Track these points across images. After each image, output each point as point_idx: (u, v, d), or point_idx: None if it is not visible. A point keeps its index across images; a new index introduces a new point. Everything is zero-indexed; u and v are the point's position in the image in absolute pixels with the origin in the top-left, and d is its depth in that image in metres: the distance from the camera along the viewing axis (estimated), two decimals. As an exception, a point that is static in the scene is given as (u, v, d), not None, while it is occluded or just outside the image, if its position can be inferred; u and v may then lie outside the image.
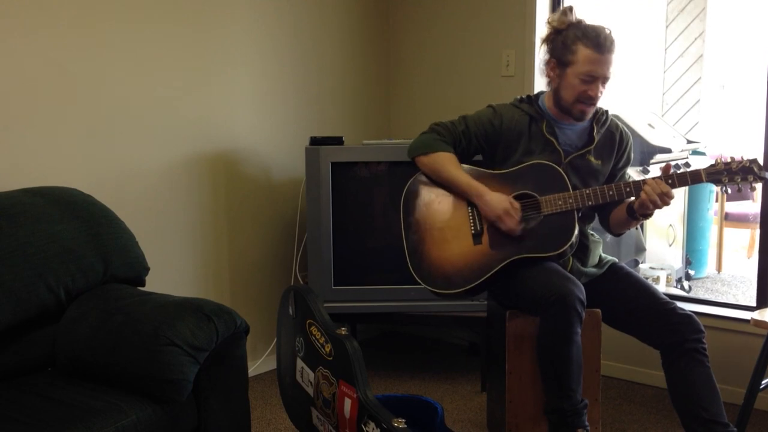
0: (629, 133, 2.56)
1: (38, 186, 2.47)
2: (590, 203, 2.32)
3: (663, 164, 3.74)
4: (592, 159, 2.43)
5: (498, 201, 2.35)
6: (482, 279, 2.34)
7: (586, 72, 2.30)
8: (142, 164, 3.00)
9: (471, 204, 2.43)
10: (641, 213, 2.32)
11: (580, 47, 2.30)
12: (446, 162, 2.44)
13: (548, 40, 2.42)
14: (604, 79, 2.34)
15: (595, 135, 2.44)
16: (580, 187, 2.39)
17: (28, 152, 2.65)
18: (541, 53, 2.48)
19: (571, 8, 2.40)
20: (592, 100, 2.34)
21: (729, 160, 2.24)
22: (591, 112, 2.40)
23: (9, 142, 2.59)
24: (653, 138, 4.52)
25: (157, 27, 3.01)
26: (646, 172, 4.15)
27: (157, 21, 3.00)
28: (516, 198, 2.37)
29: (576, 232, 2.30)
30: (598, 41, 2.30)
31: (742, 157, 2.23)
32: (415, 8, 3.92)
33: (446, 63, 3.84)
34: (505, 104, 2.52)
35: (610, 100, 2.55)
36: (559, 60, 2.36)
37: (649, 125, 4.68)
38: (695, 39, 6.39)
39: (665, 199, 2.25)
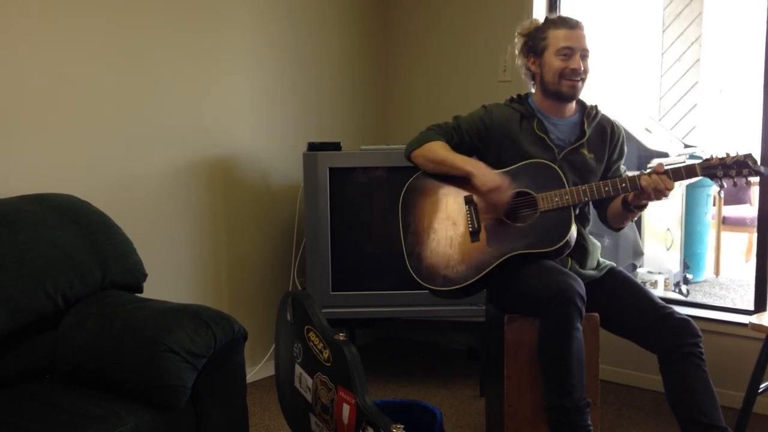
0: (621, 127, 2.59)
1: (36, 193, 2.48)
2: (586, 199, 2.34)
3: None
4: (586, 153, 2.46)
5: (493, 175, 2.38)
6: (480, 275, 2.34)
7: (562, 47, 2.38)
8: (140, 171, 3.00)
9: (468, 202, 2.44)
10: (636, 205, 2.36)
11: (550, 31, 2.42)
12: (438, 148, 2.47)
13: (522, 49, 2.52)
14: (583, 52, 2.41)
15: (586, 129, 2.47)
16: (579, 182, 2.41)
17: (27, 159, 2.65)
18: (517, 63, 2.55)
19: (535, 19, 2.55)
20: (576, 72, 2.40)
21: (724, 155, 2.26)
22: (580, 87, 2.44)
23: (7, 149, 2.59)
24: (650, 142, 4.53)
25: (156, 34, 3.01)
26: (643, 176, 4.16)
27: (155, 28, 3.01)
28: (513, 196, 2.38)
29: (573, 227, 2.31)
30: (565, 20, 2.43)
31: (737, 153, 2.25)
32: (412, 14, 3.93)
33: (444, 68, 3.84)
34: (497, 104, 2.57)
35: (607, 104, 2.57)
36: (534, 52, 2.46)
37: (647, 129, 4.70)
38: (692, 43, 6.41)
39: (665, 192, 2.27)
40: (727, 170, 2.24)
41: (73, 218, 2.39)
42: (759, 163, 2.25)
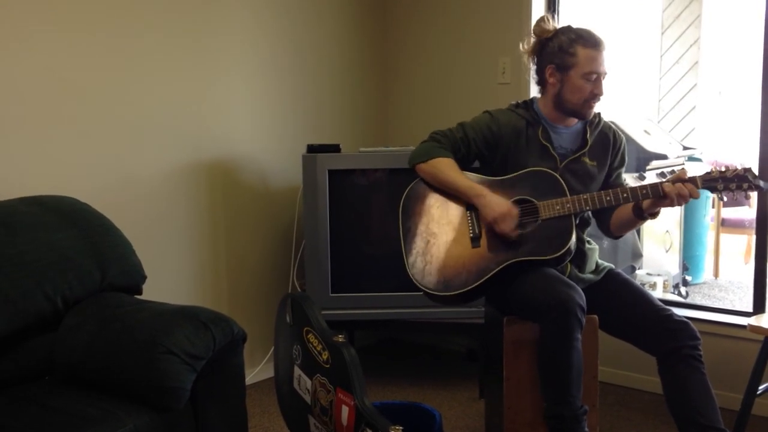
0: (622, 134, 2.58)
1: (35, 195, 2.48)
2: (588, 208, 2.34)
3: (660, 171, 3.74)
4: (588, 161, 2.46)
5: (498, 202, 2.36)
6: (479, 282, 2.34)
7: (591, 71, 2.37)
8: (139, 172, 3.00)
9: (470, 207, 2.44)
10: (650, 212, 2.35)
11: (579, 48, 2.37)
12: (446, 167, 2.45)
13: (535, 50, 2.48)
14: (605, 75, 2.41)
15: (588, 137, 2.47)
16: (581, 190, 2.40)
17: (26, 161, 2.65)
18: (527, 64, 2.52)
19: (547, 17, 2.48)
20: (599, 97, 2.41)
21: (724, 168, 2.27)
22: (595, 108, 2.45)
23: (6, 151, 2.59)
24: (649, 144, 4.53)
25: (155, 35, 3.01)
26: (642, 178, 4.16)
27: (154, 29, 3.01)
28: (514, 203, 2.38)
29: (574, 236, 2.31)
30: (594, 40, 2.38)
31: (736, 166, 2.26)
32: (412, 15, 3.93)
33: (443, 70, 3.85)
34: (501, 109, 2.54)
35: (606, 106, 2.57)
36: (558, 65, 2.41)
37: (645, 132, 4.70)
38: (691, 46, 6.42)
39: (687, 198, 2.26)
40: (727, 183, 2.25)
41: (73, 220, 2.39)
42: (757, 172, 2.26)
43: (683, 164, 4.75)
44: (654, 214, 2.37)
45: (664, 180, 2.32)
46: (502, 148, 2.47)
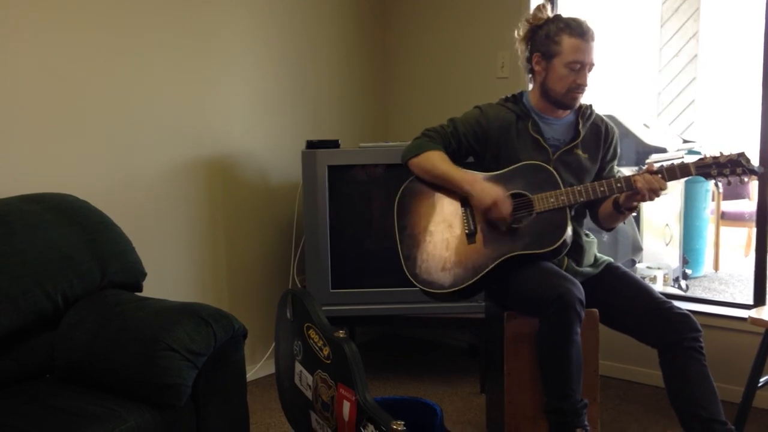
0: (614, 127, 2.59)
1: (35, 192, 2.47)
2: (582, 200, 2.34)
3: (659, 164, 3.74)
4: (580, 153, 2.46)
5: (490, 188, 2.37)
6: (476, 278, 2.34)
7: (574, 60, 2.37)
8: (138, 169, 3.00)
9: (464, 204, 2.44)
10: (627, 207, 2.36)
11: (565, 37, 2.37)
12: (437, 159, 2.46)
13: (526, 37, 2.48)
14: (591, 66, 2.41)
15: (580, 129, 2.47)
16: (574, 182, 2.40)
17: (25, 159, 2.64)
18: (519, 51, 2.52)
19: (544, 5, 2.48)
20: (582, 87, 2.41)
21: (718, 154, 2.26)
22: (581, 98, 2.45)
23: (5, 149, 2.59)
24: (649, 138, 4.53)
25: (154, 33, 3.01)
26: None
27: (153, 27, 3.00)
28: (509, 197, 2.38)
29: (569, 228, 2.31)
30: (581, 29, 2.38)
31: (730, 151, 2.25)
32: (410, 10, 3.93)
33: (442, 65, 3.84)
34: (491, 104, 2.55)
35: (606, 99, 2.57)
36: (544, 53, 2.42)
37: (645, 125, 4.70)
38: (690, 39, 6.42)
39: (658, 192, 2.27)
40: (721, 169, 2.24)
41: (72, 218, 2.39)
42: (758, 161, 2.26)
43: (682, 158, 4.76)
44: (631, 208, 2.38)
45: (636, 174, 2.32)
46: (492, 143, 2.47)
